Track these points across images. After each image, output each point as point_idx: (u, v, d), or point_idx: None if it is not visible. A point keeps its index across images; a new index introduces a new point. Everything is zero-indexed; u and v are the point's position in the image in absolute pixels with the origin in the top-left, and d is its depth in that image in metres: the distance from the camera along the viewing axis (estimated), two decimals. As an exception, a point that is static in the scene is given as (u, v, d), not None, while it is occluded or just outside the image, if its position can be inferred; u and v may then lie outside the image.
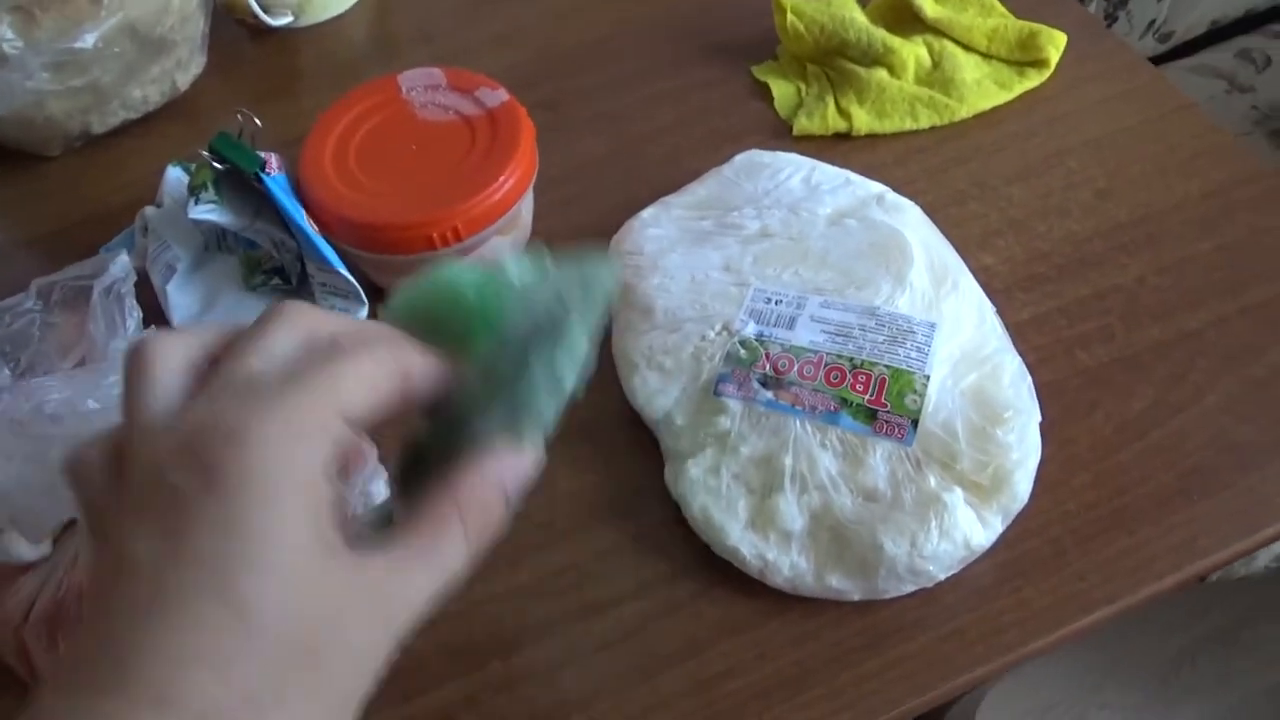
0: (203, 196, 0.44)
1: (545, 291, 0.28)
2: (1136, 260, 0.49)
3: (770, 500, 0.39)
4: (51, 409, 0.32)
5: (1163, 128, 0.55)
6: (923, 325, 0.41)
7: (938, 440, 0.39)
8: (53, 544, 0.38)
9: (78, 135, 0.58)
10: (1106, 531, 0.41)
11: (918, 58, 0.57)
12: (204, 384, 0.23)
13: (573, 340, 0.28)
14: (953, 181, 0.53)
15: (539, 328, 0.27)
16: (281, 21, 0.63)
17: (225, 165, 0.44)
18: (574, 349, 0.28)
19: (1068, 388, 0.45)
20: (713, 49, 0.61)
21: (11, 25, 0.52)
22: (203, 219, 0.45)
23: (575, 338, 0.28)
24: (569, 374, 0.27)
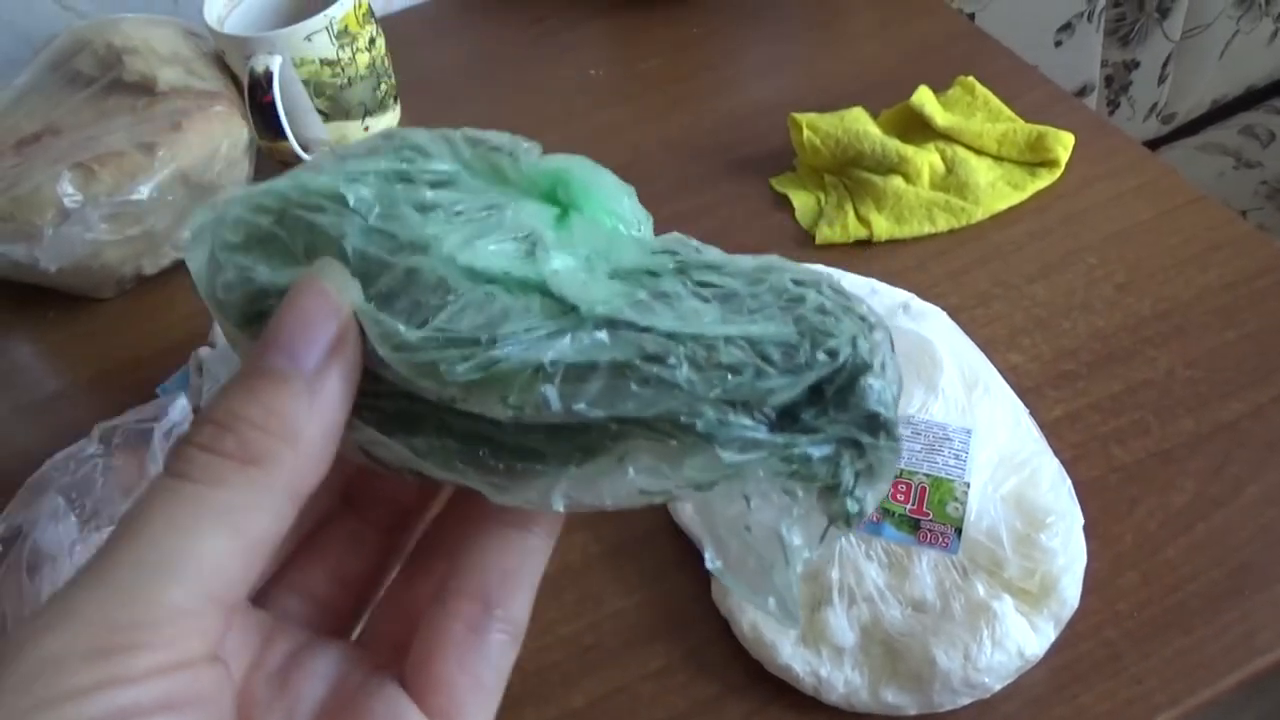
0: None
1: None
2: (1164, 353, 0.50)
3: (819, 614, 0.39)
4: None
5: (1177, 220, 0.56)
6: (959, 432, 0.42)
7: (983, 548, 0.39)
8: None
9: (130, 278, 0.61)
10: (1161, 632, 0.40)
11: (931, 164, 0.59)
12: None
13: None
14: (975, 283, 0.55)
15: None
16: (320, 159, 0.67)
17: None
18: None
19: (1107, 485, 0.45)
20: (733, 165, 0.64)
21: (72, 181, 0.55)
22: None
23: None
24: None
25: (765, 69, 0.71)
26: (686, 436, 0.18)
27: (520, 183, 0.21)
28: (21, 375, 0.59)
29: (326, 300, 0.18)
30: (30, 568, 0.40)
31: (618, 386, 0.18)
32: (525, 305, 0.18)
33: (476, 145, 0.21)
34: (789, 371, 0.18)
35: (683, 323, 0.18)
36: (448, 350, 0.18)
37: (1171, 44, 1.15)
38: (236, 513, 0.17)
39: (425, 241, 0.19)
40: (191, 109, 0.58)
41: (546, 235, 0.20)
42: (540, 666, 0.42)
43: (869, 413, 0.19)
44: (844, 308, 0.19)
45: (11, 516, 0.43)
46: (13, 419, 0.57)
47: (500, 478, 0.19)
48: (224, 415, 0.18)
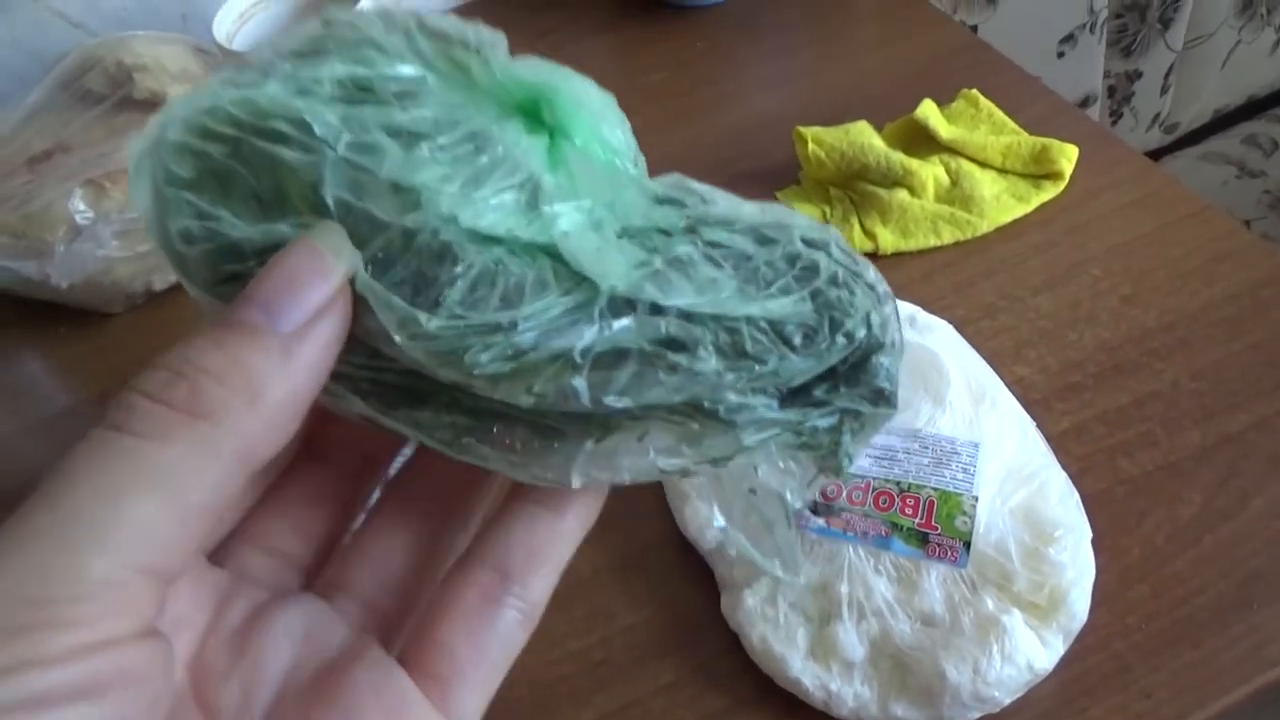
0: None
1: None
2: (1170, 365, 0.50)
3: (829, 629, 0.39)
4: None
5: (1181, 232, 0.56)
6: (966, 445, 0.42)
7: (991, 561, 0.39)
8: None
9: (141, 294, 0.61)
10: (1170, 645, 0.40)
11: (936, 177, 0.59)
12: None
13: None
14: (980, 295, 0.55)
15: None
16: (328, 174, 0.67)
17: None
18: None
19: (1114, 498, 0.45)
20: (738, 178, 0.64)
21: (83, 198, 0.55)
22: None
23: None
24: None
25: (769, 83, 0.72)
26: (709, 420, 0.18)
27: (494, 90, 0.19)
28: (33, 391, 0.60)
29: (319, 262, 0.17)
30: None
31: (645, 375, 0.17)
32: (538, 276, 0.17)
33: (437, 39, 0.19)
34: (810, 355, 0.18)
35: (702, 299, 0.18)
36: (469, 338, 0.17)
37: (1174, 54, 1.15)
38: (177, 475, 0.15)
39: (414, 188, 0.17)
40: (201, 126, 0.59)
41: (545, 180, 0.18)
42: (550, 681, 0.42)
43: (877, 388, 0.19)
44: (854, 274, 0.19)
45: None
46: (24, 435, 0.57)
47: (516, 455, 0.18)
48: (179, 362, 0.16)
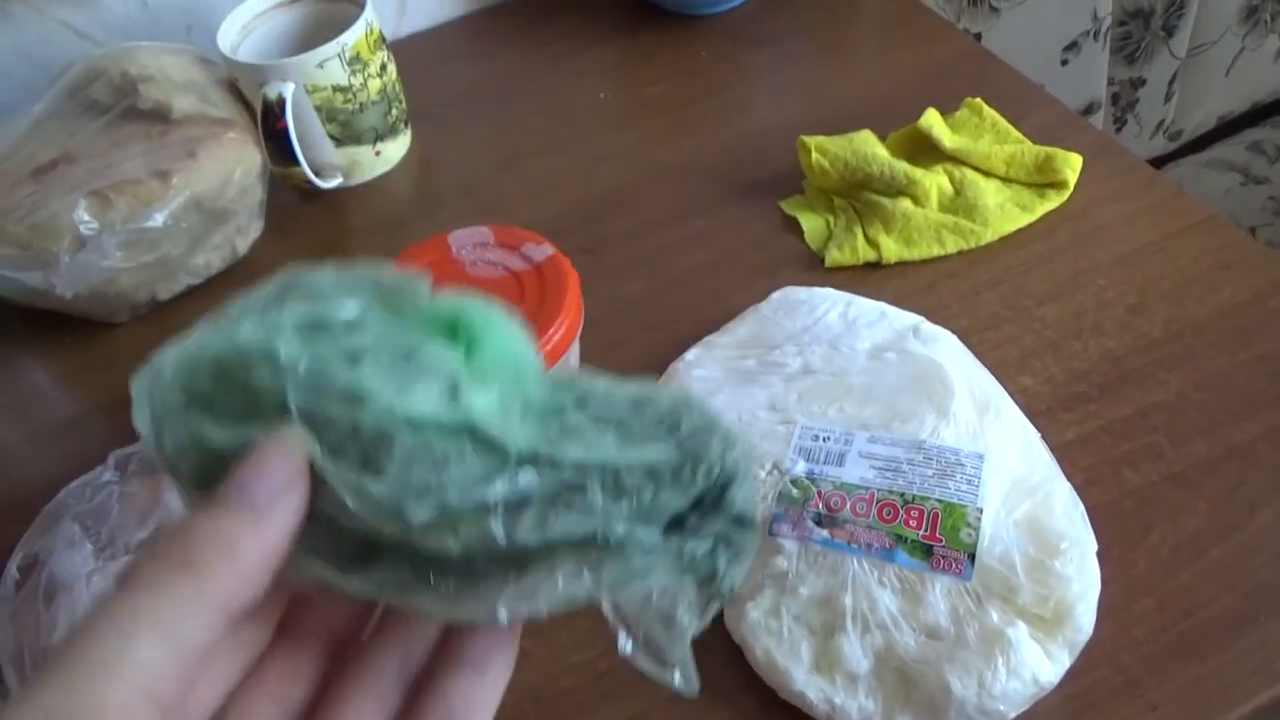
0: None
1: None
2: (1176, 375, 0.50)
3: (833, 641, 0.39)
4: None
5: (1186, 240, 0.56)
6: (970, 457, 0.42)
7: (996, 574, 0.39)
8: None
9: (145, 303, 0.62)
10: (1177, 658, 0.40)
11: (940, 186, 0.59)
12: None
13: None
14: (985, 305, 0.55)
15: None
16: (332, 184, 0.67)
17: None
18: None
19: (1120, 509, 0.45)
20: (742, 187, 0.64)
21: (88, 209, 0.56)
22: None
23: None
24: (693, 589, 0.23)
25: (773, 92, 0.72)
26: (605, 550, 0.22)
27: (419, 320, 0.24)
28: (39, 401, 0.60)
29: (283, 450, 0.21)
30: (47, 596, 0.40)
31: (548, 515, 0.21)
32: (459, 449, 0.22)
33: (375, 286, 0.24)
34: (678, 489, 0.23)
35: (590, 453, 0.22)
36: (406, 497, 0.21)
37: (1178, 61, 1.15)
38: (170, 620, 0.19)
39: (360, 393, 0.21)
40: (205, 136, 0.59)
41: (462, 378, 0.23)
42: (554, 694, 0.42)
43: (737, 514, 0.23)
44: (711, 427, 0.24)
45: (29, 544, 0.43)
46: (31, 445, 0.57)
47: (449, 599, 0.22)
48: (174, 531, 0.20)
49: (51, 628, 0.40)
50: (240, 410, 0.22)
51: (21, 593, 0.42)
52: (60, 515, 0.44)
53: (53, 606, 0.41)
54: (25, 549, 0.43)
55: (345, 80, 0.64)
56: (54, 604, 0.40)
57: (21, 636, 0.41)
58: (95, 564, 0.39)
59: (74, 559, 0.41)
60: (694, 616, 0.23)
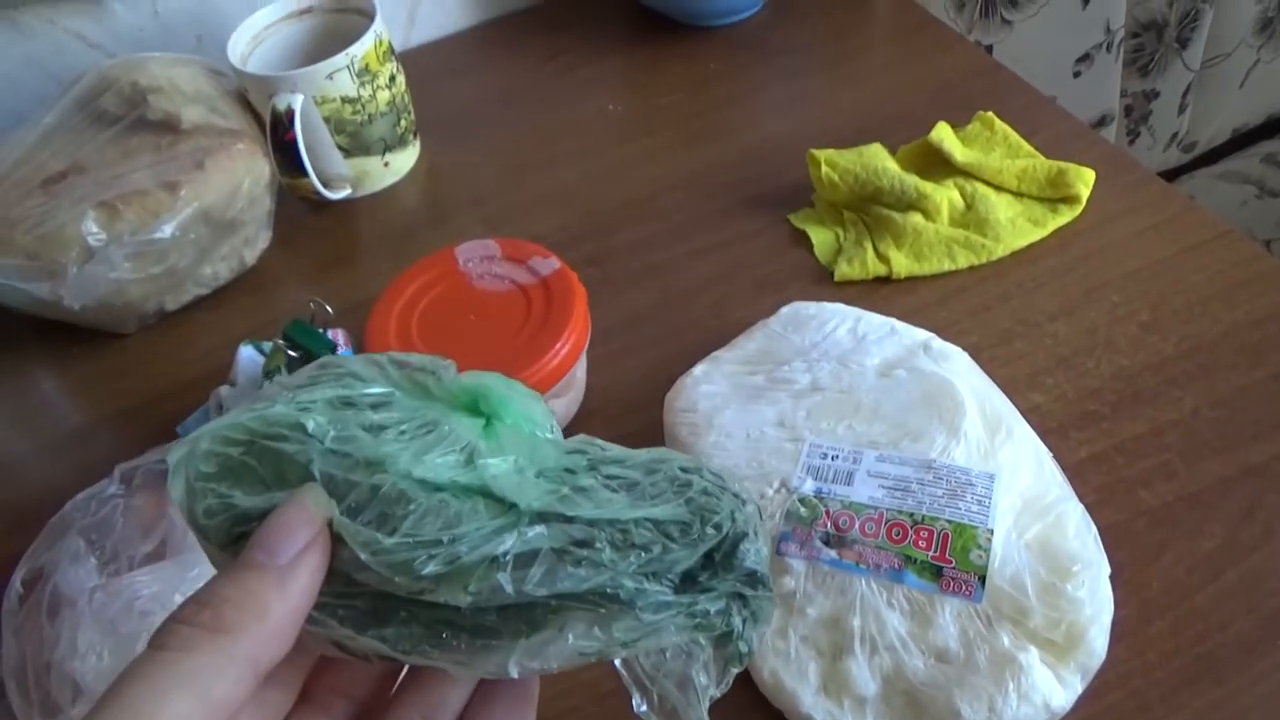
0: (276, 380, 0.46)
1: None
2: (1190, 393, 0.49)
3: (841, 663, 0.39)
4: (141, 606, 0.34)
5: (1201, 256, 0.56)
6: (981, 477, 0.42)
7: (1007, 597, 0.38)
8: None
9: (153, 314, 0.62)
10: (1192, 683, 0.39)
11: (951, 201, 0.59)
12: None
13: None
14: (996, 320, 0.54)
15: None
16: (340, 195, 0.67)
17: (299, 351, 0.47)
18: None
19: (1133, 530, 0.44)
20: (751, 201, 0.64)
21: (96, 220, 0.56)
22: (274, 398, 0.47)
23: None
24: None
25: (783, 104, 0.72)
26: (613, 605, 0.22)
27: (445, 398, 0.25)
28: (46, 411, 0.60)
29: (304, 512, 0.22)
30: (50, 611, 0.40)
31: (556, 569, 0.22)
32: (473, 507, 0.22)
33: (403, 367, 0.25)
34: (687, 545, 0.23)
35: (600, 510, 0.23)
36: (417, 551, 0.21)
37: (1191, 73, 1.15)
38: (202, 678, 0.20)
39: (381, 459, 0.22)
40: (214, 147, 0.59)
41: (480, 445, 0.24)
42: (558, 713, 0.42)
43: (749, 571, 0.23)
44: (722, 488, 0.24)
45: (34, 558, 0.43)
46: (38, 456, 0.57)
47: (462, 655, 0.22)
48: (206, 594, 0.21)
49: (55, 642, 0.40)
50: (269, 479, 0.23)
51: (25, 606, 0.42)
52: (65, 528, 0.44)
53: (56, 621, 0.40)
54: (30, 562, 0.43)
55: (354, 91, 0.64)
56: (58, 618, 0.40)
57: (25, 650, 0.41)
58: (99, 579, 0.39)
59: (78, 574, 0.41)
60: (711, 678, 0.23)
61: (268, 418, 0.23)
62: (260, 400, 0.24)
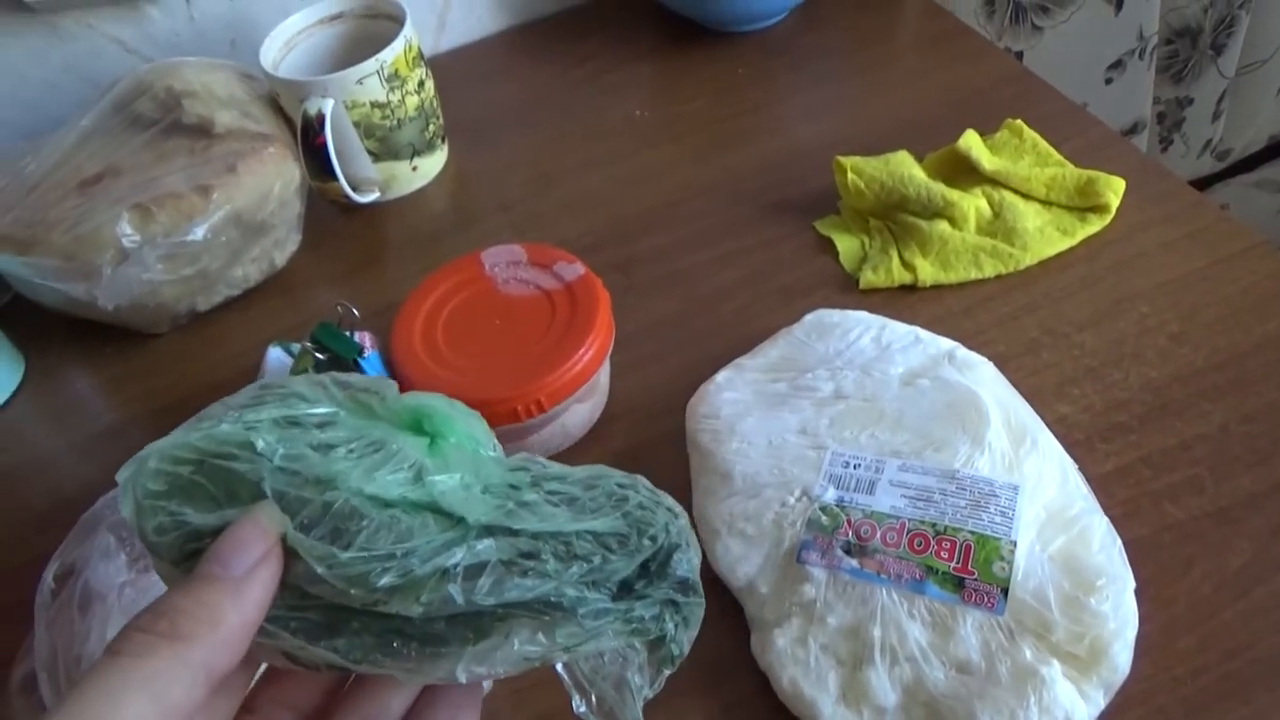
0: (304, 381, 0.47)
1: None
2: (1220, 407, 0.48)
3: (861, 673, 0.38)
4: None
5: (1233, 268, 0.55)
6: (1005, 488, 0.41)
7: (1030, 609, 0.38)
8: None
9: (185, 315, 0.63)
10: (1218, 701, 0.39)
11: (978, 209, 0.59)
12: None
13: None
14: (1023, 330, 0.54)
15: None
16: (369, 198, 0.68)
17: (327, 354, 0.47)
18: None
19: (1159, 544, 0.44)
20: (776, 207, 0.64)
21: (130, 222, 0.57)
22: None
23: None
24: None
25: (810, 111, 0.71)
26: (556, 612, 0.23)
27: (389, 417, 0.26)
28: (80, 409, 0.61)
29: (258, 527, 0.23)
30: (82, 605, 0.41)
31: (504, 580, 0.23)
32: (423, 522, 0.23)
33: (346, 388, 0.26)
34: (625, 555, 0.24)
35: (543, 524, 0.24)
36: (372, 564, 0.22)
37: (1226, 80, 1.13)
38: (158, 682, 0.20)
39: (331, 476, 0.23)
40: (246, 151, 0.60)
41: (427, 463, 0.25)
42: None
43: (681, 579, 0.25)
44: (656, 502, 0.26)
45: (66, 553, 0.44)
46: (71, 453, 0.58)
47: (413, 663, 0.23)
48: (163, 605, 0.22)
49: (85, 636, 0.40)
50: (219, 496, 0.23)
51: (57, 601, 0.42)
52: (96, 525, 0.45)
53: (87, 615, 0.41)
54: (62, 557, 0.44)
55: (384, 96, 0.64)
56: (89, 613, 0.41)
57: (56, 644, 0.41)
58: (129, 575, 0.40)
59: (109, 569, 0.42)
60: (644, 679, 0.25)
61: (216, 436, 0.24)
62: (204, 420, 0.25)
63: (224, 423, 0.24)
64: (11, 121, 0.71)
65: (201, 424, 0.25)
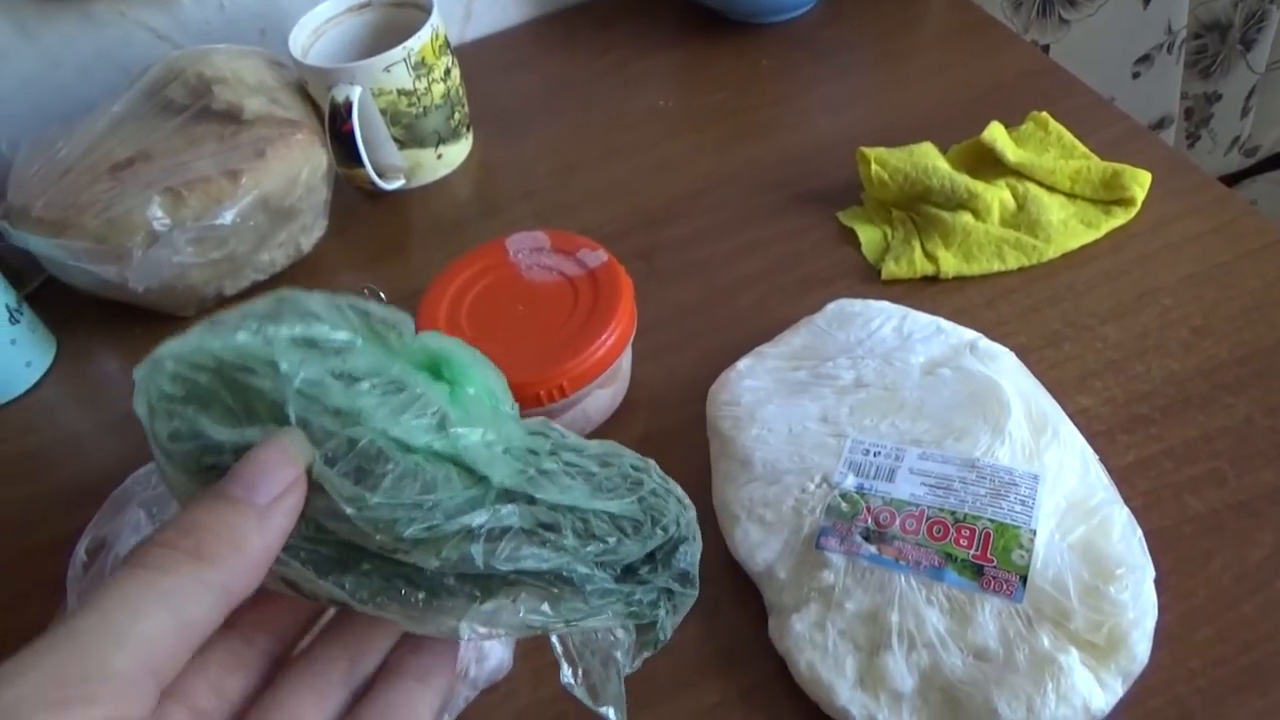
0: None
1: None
2: (1243, 400, 0.48)
3: (878, 658, 0.39)
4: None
5: (1259, 262, 0.55)
6: (1025, 477, 0.41)
7: (1048, 598, 0.38)
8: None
9: (212, 298, 0.63)
10: (1236, 692, 0.39)
11: (1002, 201, 0.58)
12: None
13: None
14: (1045, 322, 0.54)
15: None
16: (394, 185, 0.69)
17: (353, 336, 0.48)
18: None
19: (1180, 536, 0.44)
20: (799, 198, 0.64)
21: (161, 206, 0.57)
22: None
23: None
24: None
25: (834, 102, 0.71)
26: (565, 586, 0.24)
27: (405, 354, 0.26)
28: (109, 390, 0.62)
29: (285, 455, 0.22)
30: (112, 579, 0.42)
31: (522, 547, 0.23)
32: (446, 475, 0.23)
33: (364, 316, 0.26)
34: (637, 541, 0.25)
35: (563, 496, 0.24)
36: (398, 512, 0.22)
37: (1256, 76, 1.12)
38: (179, 598, 0.20)
39: (355, 411, 0.23)
40: (274, 137, 0.61)
41: (450, 412, 0.25)
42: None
43: (682, 571, 0.26)
44: (668, 491, 0.27)
45: (97, 528, 0.45)
46: (102, 431, 0.59)
47: (416, 612, 0.24)
48: (187, 522, 0.21)
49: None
50: (237, 410, 0.23)
51: (89, 574, 0.43)
52: (127, 501, 0.45)
53: (117, 589, 0.42)
54: (94, 532, 0.45)
55: (410, 84, 0.65)
56: (118, 586, 0.42)
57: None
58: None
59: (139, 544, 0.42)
60: (627, 658, 0.26)
61: (236, 347, 0.23)
62: (220, 325, 0.24)
63: (241, 331, 0.24)
64: (45, 106, 0.72)
65: (218, 329, 0.24)
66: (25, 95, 0.72)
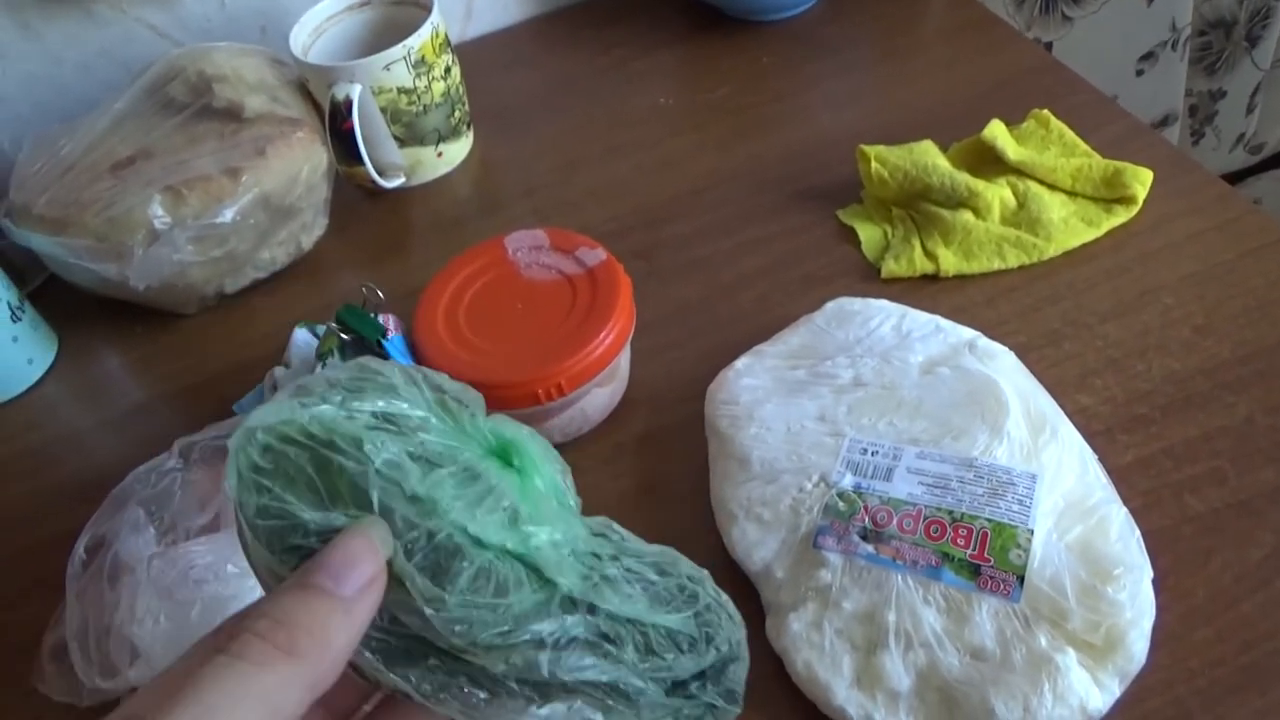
0: (329, 362, 0.48)
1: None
2: (1244, 399, 0.48)
3: (875, 658, 0.39)
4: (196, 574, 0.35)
5: (1261, 261, 0.54)
6: (1023, 476, 0.41)
7: (1046, 597, 0.38)
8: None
9: (213, 296, 0.64)
10: (1235, 693, 0.39)
11: (1002, 199, 0.58)
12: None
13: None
14: (1045, 321, 0.53)
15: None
16: (395, 183, 0.69)
17: (350, 335, 0.48)
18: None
19: (1179, 535, 0.44)
20: (799, 196, 0.64)
21: (162, 204, 0.58)
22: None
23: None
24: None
25: (835, 100, 0.71)
26: (620, 698, 0.25)
27: (476, 436, 0.26)
28: (109, 387, 0.62)
29: (370, 547, 0.23)
30: (111, 576, 0.42)
31: (585, 658, 0.24)
32: (517, 576, 0.24)
33: (438, 391, 0.26)
34: (692, 658, 0.26)
35: (624, 607, 0.25)
36: (473, 614, 0.23)
37: (1261, 73, 1.11)
38: (274, 696, 0.21)
39: (433, 501, 0.23)
40: (275, 135, 0.61)
41: (521, 508, 0.25)
42: None
43: (730, 689, 0.27)
44: (720, 605, 0.27)
45: (97, 526, 0.45)
46: (102, 429, 0.59)
47: (477, 711, 0.24)
48: (280, 613, 0.22)
49: (114, 607, 0.42)
50: (322, 488, 0.23)
51: (88, 572, 0.44)
52: (126, 499, 0.46)
53: (117, 587, 0.42)
54: (93, 530, 0.45)
55: (410, 82, 0.65)
56: (118, 584, 0.42)
57: (87, 614, 0.43)
58: (157, 548, 0.40)
59: (138, 542, 0.43)
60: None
61: (324, 423, 0.24)
62: (306, 394, 0.25)
63: (327, 402, 0.24)
64: (46, 103, 0.72)
65: (305, 399, 0.24)
66: (27, 93, 0.72)
